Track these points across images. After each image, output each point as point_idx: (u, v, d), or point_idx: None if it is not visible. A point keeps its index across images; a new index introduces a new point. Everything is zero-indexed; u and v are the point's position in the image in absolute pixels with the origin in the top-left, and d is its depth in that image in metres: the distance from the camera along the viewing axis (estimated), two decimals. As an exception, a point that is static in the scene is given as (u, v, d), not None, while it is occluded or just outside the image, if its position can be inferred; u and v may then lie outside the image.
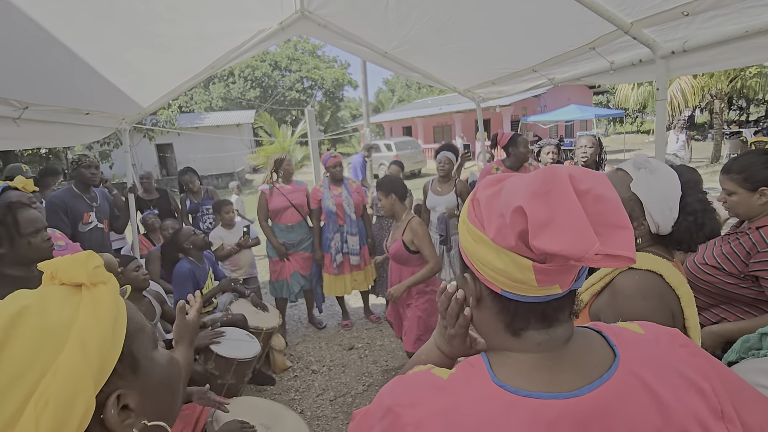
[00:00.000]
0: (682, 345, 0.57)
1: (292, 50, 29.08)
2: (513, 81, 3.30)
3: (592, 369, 0.54)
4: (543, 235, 0.49)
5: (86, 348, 0.43)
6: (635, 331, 0.59)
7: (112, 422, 0.45)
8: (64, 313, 0.45)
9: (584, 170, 0.53)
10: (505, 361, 0.57)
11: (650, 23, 1.80)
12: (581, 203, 0.49)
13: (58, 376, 0.40)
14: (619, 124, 25.54)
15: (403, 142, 16.74)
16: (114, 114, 3.36)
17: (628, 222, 0.50)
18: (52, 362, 0.41)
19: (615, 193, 0.52)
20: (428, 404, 0.53)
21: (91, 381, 0.42)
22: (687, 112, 20.53)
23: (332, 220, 3.67)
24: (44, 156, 12.34)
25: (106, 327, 0.45)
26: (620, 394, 0.52)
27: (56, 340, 0.43)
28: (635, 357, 0.55)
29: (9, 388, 0.39)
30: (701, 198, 1.03)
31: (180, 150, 19.72)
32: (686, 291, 0.99)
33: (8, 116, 2.11)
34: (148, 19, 2.38)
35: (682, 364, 0.54)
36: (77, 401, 0.41)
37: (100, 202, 3.30)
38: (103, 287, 0.49)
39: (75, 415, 0.40)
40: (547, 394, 0.51)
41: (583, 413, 0.50)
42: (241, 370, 2.57)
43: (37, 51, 2.02)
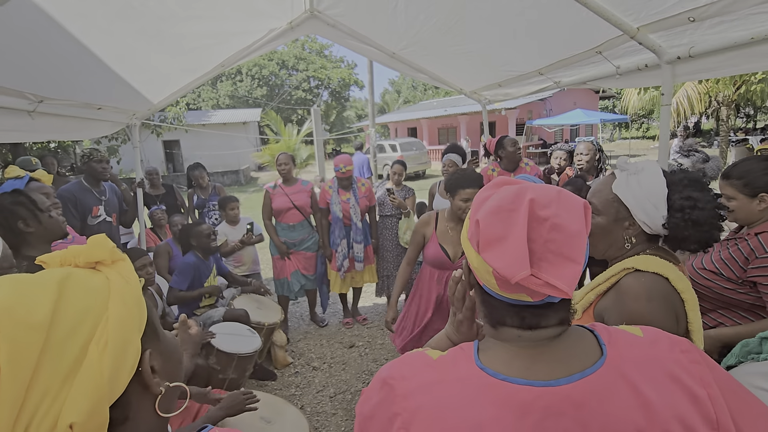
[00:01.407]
0: (684, 351, 0.57)
1: (300, 49, 29.19)
2: (519, 83, 3.32)
3: (574, 363, 0.55)
4: (489, 251, 0.54)
5: (126, 303, 0.48)
6: (633, 334, 0.60)
7: (147, 375, 0.49)
8: (97, 280, 0.50)
9: (554, 197, 0.55)
10: (491, 347, 0.61)
11: (656, 28, 1.82)
12: (536, 228, 0.52)
13: (111, 324, 0.46)
14: (625, 129, 25.45)
15: (407, 143, 16.76)
16: (125, 109, 3.42)
17: (580, 257, 0.52)
18: (103, 313, 0.46)
19: (578, 225, 0.53)
20: (417, 378, 0.58)
21: (136, 329, 0.48)
22: (693, 119, 20.44)
23: (338, 226, 3.68)
24: (53, 150, 12.47)
25: (136, 290, 0.51)
26: (600, 389, 0.53)
27: (101, 297, 0.48)
28: (625, 357, 0.56)
29: (73, 332, 0.44)
30: (690, 195, 1.02)
31: (187, 147, 19.85)
32: (691, 295, 0.99)
33: (23, 109, 2.16)
34: (162, 17, 2.42)
35: (677, 368, 0.54)
36: (130, 344, 0.46)
37: (109, 196, 3.35)
38: (123, 263, 0.53)
39: (129, 357, 0.46)
40: (523, 380, 0.54)
41: (556, 402, 0.52)
42: (242, 364, 2.60)
43: (53, 46, 2.07)
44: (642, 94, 12.79)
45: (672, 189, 1.02)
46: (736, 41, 1.61)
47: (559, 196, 0.55)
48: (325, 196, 3.70)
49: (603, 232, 1.11)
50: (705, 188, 1.04)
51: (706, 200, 1.01)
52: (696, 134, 21.57)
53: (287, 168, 3.67)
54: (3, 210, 1.67)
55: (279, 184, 3.70)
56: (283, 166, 3.65)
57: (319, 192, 3.81)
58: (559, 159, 3.69)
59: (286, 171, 3.67)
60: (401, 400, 0.56)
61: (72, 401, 0.41)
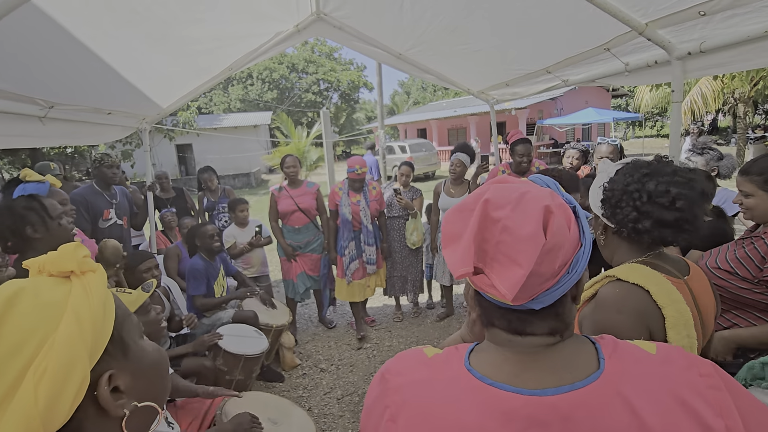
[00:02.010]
0: (703, 374, 0.52)
1: (310, 53, 29.38)
2: (527, 82, 3.28)
3: (566, 374, 0.53)
4: (446, 248, 0.56)
5: (81, 322, 0.45)
6: (644, 350, 0.56)
7: (105, 399, 0.46)
8: (58, 293, 0.47)
9: (511, 199, 0.52)
10: (484, 349, 0.60)
11: (665, 24, 1.77)
12: (489, 229, 0.52)
13: (55, 347, 0.42)
14: (639, 127, 25.02)
15: (417, 144, 16.73)
16: (135, 114, 3.47)
17: (526, 262, 0.50)
18: (50, 335, 0.43)
19: (530, 228, 0.50)
20: (409, 374, 0.59)
21: (86, 353, 0.44)
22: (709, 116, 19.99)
23: (347, 228, 3.60)
24: (70, 155, 12.75)
25: (97, 306, 0.47)
26: (590, 404, 0.51)
27: (53, 314, 0.45)
28: (626, 373, 0.52)
29: (9, 358, 0.41)
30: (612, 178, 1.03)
31: (199, 150, 20.12)
32: (675, 312, 0.92)
33: (34, 115, 2.20)
34: (168, 23, 2.45)
35: (690, 392, 0.50)
36: (74, 371, 0.42)
37: (120, 199, 3.40)
38: (92, 275, 0.51)
39: (71, 385, 0.42)
40: (509, 386, 0.53)
41: (542, 412, 0.51)
42: (249, 366, 2.61)
43: (62, 53, 2.11)
44: (655, 92, 12.56)
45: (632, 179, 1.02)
46: (749, 35, 1.56)
47: (520, 198, 0.52)
48: (335, 198, 3.64)
49: (594, 228, 1.15)
50: (630, 171, 1.02)
51: (620, 181, 1.01)
52: (712, 132, 21.07)
53: (294, 171, 3.68)
54: (14, 214, 1.70)
55: (284, 186, 3.71)
56: (291, 169, 3.65)
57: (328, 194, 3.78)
58: (571, 158, 3.59)
59: (293, 173, 3.67)
60: (392, 393, 0.58)
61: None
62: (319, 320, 4.15)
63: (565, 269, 0.53)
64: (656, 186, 0.96)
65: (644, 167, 1.01)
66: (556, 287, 0.53)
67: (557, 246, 0.51)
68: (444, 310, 4.08)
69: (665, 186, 0.96)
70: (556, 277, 0.52)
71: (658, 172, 0.99)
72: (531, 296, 0.52)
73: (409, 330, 3.90)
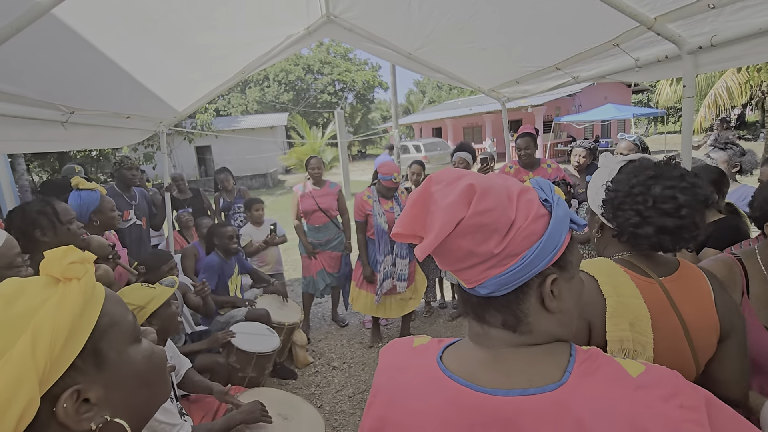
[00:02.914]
0: (684, 407, 0.47)
1: (325, 54, 29.61)
2: (537, 80, 3.24)
3: (521, 379, 0.53)
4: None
5: (36, 344, 0.43)
6: (626, 370, 0.52)
7: (62, 416, 0.44)
8: (30, 305, 0.46)
9: (447, 174, 0.57)
10: (459, 345, 0.63)
11: (675, 18, 1.74)
12: (427, 201, 0.56)
13: (6, 366, 0.41)
14: (661, 123, 24.31)
15: (432, 144, 16.69)
16: (152, 117, 3.58)
17: (438, 228, 0.53)
18: (5, 352, 0.42)
19: (449, 200, 0.53)
20: (392, 359, 0.67)
21: (34, 377, 0.42)
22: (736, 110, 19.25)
23: (384, 240, 3.29)
24: (95, 158, 13.21)
25: (63, 324, 0.45)
26: (536, 412, 0.50)
27: (14, 331, 0.43)
28: (588, 391, 0.50)
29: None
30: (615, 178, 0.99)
31: (217, 152, 20.54)
32: (618, 304, 0.88)
33: (57, 120, 2.30)
34: (182, 30, 2.53)
35: (655, 424, 0.46)
36: (19, 393, 0.41)
37: (139, 200, 3.52)
38: (75, 283, 0.48)
39: (16, 406, 0.40)
40: (465, 381, 0.56)
41: (489, 411, 0.53)
42: (261, 363, 2.67)
43: (82, 61, 2.20)
44: (676, 86, 12.19)
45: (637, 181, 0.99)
46: (762, 27, 1.52)
47: (457, 178, 0.55)
48: (364, 207, 3.35)
49: (589, 226, 1.15)
50: (635, 173, 0.97)
51: (625, 183, 0.97)
52: (740, 127, 20.31)
53: (319, 172, 3.79)
54: (26, 218, 1.77)
55: (307, 186, 3.79)
56: (315, 170, 3.77)
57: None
58: (578, 156, 3.52)
59: (318, 174, 3.78)
60: (377, 375, 0.67)
61: None
62: (332, 318, 4.20)
63: (516, 259, 0.53)
64: (662, 191, 0.92)
65: (650, 169, 0.96)
66: (502, 275, 0.53)
67: (487, 225, 0.52)
68: (456, 310, 4.07)
69: (671, 192, 0.91)
70: (503, 264, 0.53)
71: (664, 175, 0.94)
72: (479, 280, 0.55)
73: (422, 329, 3.91)
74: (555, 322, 0.57)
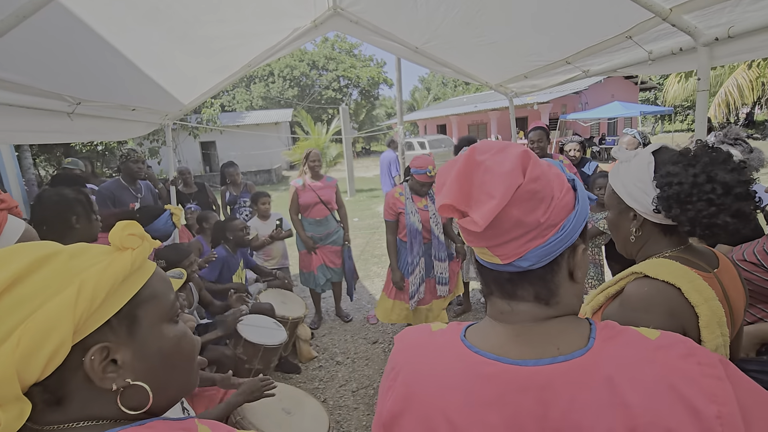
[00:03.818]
0: (701, 363, 0.50)
1: (330, 49, 29.55)
2: (546, 74, 3.20)
3: (549, 348, 0.55)
4: (437, 195, 0.58)
5: (79, 296, 0.47)
6: (643, 335, 0.55)
7: (88, 367, 0.48)
8: (86, 263, 0.51)
9: (493, 147, 0.57)
10: (481, 324, 0.64)
11: (691, 8, 1.70)
12: (474, 172, 0.55)
13: (47, 308, 0.46)
14: (668, 121, 24.08)
15: (436, 140, 16.62)
16: (158, 110, 3.58)
17: (500, 194, 0.52)
18: (52, 298, 0.47)
19: (507, 166, 0.53)
20: (410, 339, 0.67)
21: (70, 323, 0.46)
22: (745, 109, 19.03)
23: (417, 241, 2.97)
24: (100, 152, 13.27)
25: (105, 284, 0.50)
26: (569, 377, 0.52)
27: (66, 280, 0.48)
28: (614, 354, 0.53)
29: (14, 310, 0.45)
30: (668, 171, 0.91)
31: (222, 147, 20.56)
32: (708, 310, 0.86)
33: (63, 111, 2.30)
34: (188, 22, 2.51)
35: (681, 378, 0.49)
36: (53, 335, 0.45)
37: (145, 193, 3.53)
38: (128, 252, 0.53)
39: (49, 345, 0.45)
40: (492, 354, 0.57)
41: (519, 379, 0.54)
42: (268, 356, 2.67)
43: (89, 51, 2.19)
44: (684, 83, 12.05)
45: (657, 169, 0.95)
46: (782, 18, 1.48)
47: (501, 145, 0.57)
48: (395, 206, 3.06)
49: (613, 227, 1.08)
50: (690, 162, 0.92)
51: (685, 174, 0.90)
52: (748, 125, 20.07)
53: (319, 164, 3.80)
54: (65, 201, 1.78)
55: (306, 180, 3.77)
56: (316, 162, 3.77)
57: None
58: (573, 151, 3.62)
59: (318, 166, 3.78)
60: (396, 355, 0.66)
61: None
62: (336, 313, 4.20)
63: (555, 229, 0.55)
64: (729, 176, 0.87)
65: (702, 155, 0.92)
66: (544, 246, 0.55)
67: (538, 193, 0.53)
68: (461, 306, 4.05)
69: (736, 175, 0.87)
70: (544, 235, 0.55)
71: (717, 160, 0.90)
72: (519, 253, 0.55)
73: (425, 325, 3.90)
74: (576, 293, 0.61)
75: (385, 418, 0.62)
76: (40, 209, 1.77)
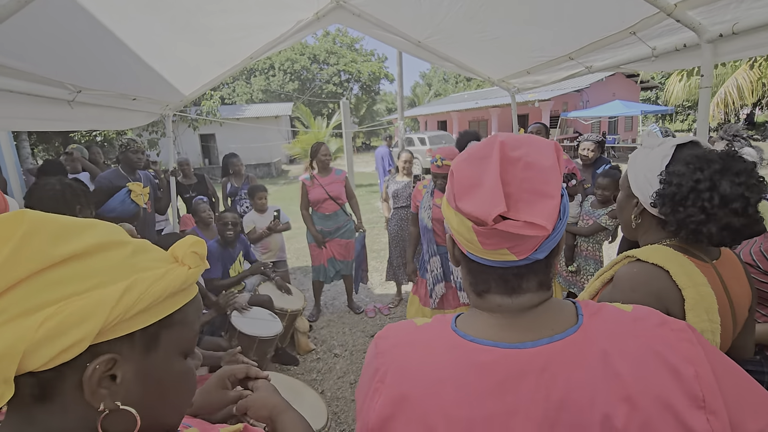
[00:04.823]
0: (674, 330, 0.54)
1: (331, 44, 29.38)
2: (549, 70, 3.19)
3: (544, 330, 0.56)
4: (464, 199, 0.54)
5: (124, 295, 0.44)
6: (620, 308, 0.58)
7: (89, 374, 0.43)
8: (145, 264, 0.48)
9: (521, 137, 0.55)
10: (470, 314, 0.63)
11: (696, 4, 1.69)
12: (510, 170, 0.52)
13: (86, 298, 0.43)
14: (669, 121, 24.08)
15: (436, 136, 16.56)
16: (158, 100, 3.56)
17: (556, 191, 0.51)
18: (99, 288, 0.44)
19: (550, 160, 0.52)
20: (394, 337, 0.63)
21: (102, 320, 0.43)
22: (746, 110, 19.02)
23: (427, 239, 2.81)
24: (99, 143, 13.22)
25: (153, 293, 0.46)
26: (566, 355, 0.53)
27: (121, 275, 0.45)
28: (602, 328, 0.55)
29: (58, 284, 0.42)
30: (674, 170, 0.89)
31: (222, 140, 20.50)
32: (696, 294, 0.87)
33: (63, 98, 2.28)
34: (191, 11, 2.49)
35: (661, 344, 0.52)
36: (83, 325, 0.42)
37: (144, 184, 3.51)
38: (184, 269, 0.50)
39: (71, 335, 0.41)
40: (489, 341, 0.56)
41: (519, 363, 0.53)
42: (263, 347, 2.68)
43: (90, 39, 2.17)
44: (686, 82, 12.03)
45: (670, 164, 0.94)
46: (787, 14, 1.48)
47: (529, 138, 0.56)
48: (416, 198, 3.00)
49: (619, 208, 1.10)
50: (700, 166, 0.89)
51: (689, 177, 0.88)
52: (749, 126, 20.07)
53: (329, 158, 3.79)
54: (71, 192, 1.82)
55: (314, 175, 3.75)
56: (327, 156, 3.76)
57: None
58: (587, 150, 3.56)
59: (328, 160, 3.78)
60: (380, 356, 0.61)
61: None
62: (348, 305, 4.20)
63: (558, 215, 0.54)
64: (731, 188, 0.86)
65: (716, 162, 0.89)
66: (555, 234, 0.55)
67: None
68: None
69: (740, 189, 0.86)
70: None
71: (731, 169, 0.87)
72: (536, 247, 0.54)
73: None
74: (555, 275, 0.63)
75: (373, 423, 0.57)
76: (42, 197, 1.77)
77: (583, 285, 3.10)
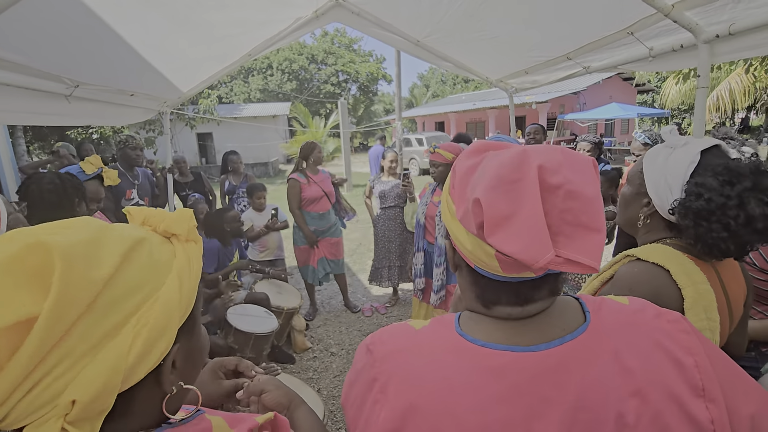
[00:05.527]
0: (671, 321, 0.55)
1: (329, 44, 29.37)
2: (546, 70, 3.21)
3: (555, 330, 0.54)
4: (498, 233, 0.47)
5: (182, 286, 0.44)
6: (619, 302, 0.59)
7: (166, 371, 0.44)
8: (165, 253, 0.47)
9: (561, 160, 0.49)
10: (474, 317, 0.59)
11: (693, 5, 1.71)
12: (548, 199, 0.47)
13: (157, 306, 0.41)
14: (665, 124, 24.23)
15: (434, 137, 16.56)
16: (156, 97, 3.55)
17: (602, 224, 0.47)
18: (155, 292, 0.42)
19: (594, 188, 0.48)
20: (393, 343, 0.58)
21: (178, 318, 0.43)
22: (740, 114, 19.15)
23: (417, 234, 2.96)
24: (95, 140, 13.13)
25: (194, 276, 0.46)
26: (579, 354, 0.52)
27: (161, 273, 0.44)
28: (607, 323, 0.55)
29: (116, 304, 0.39)
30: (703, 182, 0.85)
31: (219, 139, 20.42)
32: (695, 293, 0.86)
33: (61, 93, 2.27)
34: (190, 6, 2.49)
35: (662, 335, 0.53)
36: (167, 332, 0.41)
37: (142, 180, 3.50)
38: (194, 245, 0.50)
39: (161, 344, 0.41)
40: (500, 345, 0.53)
41: (532, 365, 0.51)
42: (259, 344, 2.67)
43: (88, 33, 2.17)
44: (682, 85, 12.11)
45: (697, 173, 0.89)
46: (783, 15, 1.49)
47: (566, 157, 0.49)
48: (421, 194, 3.12)
49: (624, 202, 1.06)
50: (731, 181, 0.85)
51: (720, 192, 0.84)
52: (743, 131, 20.23)
53: (322, 156, 3.78)
54: (71, 185, 1.83)
55: (307, 173, 3.71)
56: (321, 154, 3.76)
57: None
58: (583, 151, 3.56)
59: (321, 159, 3.77)
60: (379, 364, 0.55)
61: (85, 376, 0.36)
62: (345, 304, 4.18)
63: None
64: (760, 209, 0.83)
65: (746, 177, 0.85)
66: None
67: None
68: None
69: (766, 209, 0.83)
70: None
71: (759, 186, 0.84)
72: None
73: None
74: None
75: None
76: (42, 190, 1.77)
77: (579, 285, 3.11)
